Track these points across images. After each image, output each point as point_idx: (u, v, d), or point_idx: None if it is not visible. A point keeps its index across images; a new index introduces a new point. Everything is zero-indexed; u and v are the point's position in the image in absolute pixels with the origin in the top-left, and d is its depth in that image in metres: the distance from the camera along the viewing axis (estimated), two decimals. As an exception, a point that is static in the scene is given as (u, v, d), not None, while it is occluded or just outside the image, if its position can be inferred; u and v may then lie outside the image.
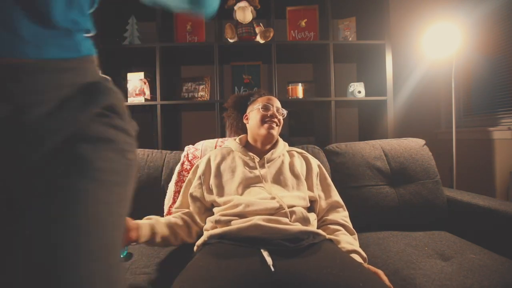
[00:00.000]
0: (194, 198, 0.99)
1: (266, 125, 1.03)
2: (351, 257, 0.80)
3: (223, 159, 1.04)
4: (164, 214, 1.14)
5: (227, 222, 0.89)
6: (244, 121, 1.13)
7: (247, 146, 1.09)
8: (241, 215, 0.89)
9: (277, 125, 1.06)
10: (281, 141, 1.11)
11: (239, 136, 1.13)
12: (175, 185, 1.17)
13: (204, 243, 0.89)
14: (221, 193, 0.96)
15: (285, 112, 1.09)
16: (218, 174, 1.00)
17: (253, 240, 0.81)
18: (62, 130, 0.40)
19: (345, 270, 0.70)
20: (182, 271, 0.75)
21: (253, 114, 1.08)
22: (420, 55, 1.94)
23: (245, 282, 0.68)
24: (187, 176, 1.16)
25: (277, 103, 1.08)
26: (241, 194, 0.94)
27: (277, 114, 1.06)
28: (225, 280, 0.67)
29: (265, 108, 1.05)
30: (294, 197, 0.95)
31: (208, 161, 1.05)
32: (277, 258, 0.75)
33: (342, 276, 0.68)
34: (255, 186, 0.95)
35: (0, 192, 0.37)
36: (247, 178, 0.97)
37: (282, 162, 1.03)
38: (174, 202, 1.14)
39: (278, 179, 0.99)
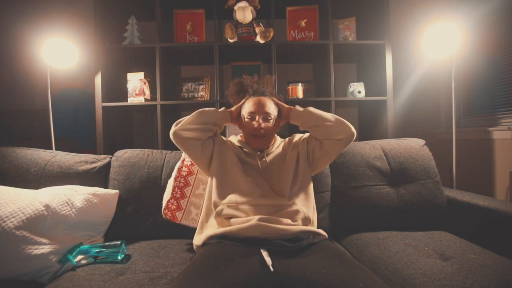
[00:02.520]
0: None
1: (252, 140, 1.03)
2: (351, 257, 0.80)
3: (230, 149, 1.05)
4: (163, 208, 1.15)
5: (228, 219, 0.89)
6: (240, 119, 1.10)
7: (247, 142, 1.09)
8: (243, 206, 0.90)
9: (264, 136, 1.02)
10: (277, 138, 1.14)
11: (240, 134, 1.14)
12: (175, 180, 1.17)
13: (204, 243, 0.89)
14: (222, 179, 0.97)
15: (269, 114, 1.01)
16: (223, 159, 1.01)
17: (253, 240, 0.81)
18: None
19: (344, 270, 0.70)
20: (182, 271, 0.75)
21: (243, 121, 1.04)
22: (420, 55, 1.94)
23: (244, 282, 0.68)
24: (186, 172, 1.17)
25: (265, 108, 1.01)
26: (242, 185, 0.95)
27: (263, 125, 1.00)
28: (224, 281, 0.67)
29: (251, 118, 1.01)
30: (292, 182, 0.97)
31: (220, 142, 1.07)
32: (276, 258, 0.75)
33: (341, 276, 0.68)
34: (256, 178, 0.97)
35: None
36: (249, 171, 0.98)
37: (279, 153, 1.05)
38: (172, 197, 1.14)
39: (276, 171, 1.00)
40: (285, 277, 0.70)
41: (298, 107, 1.04)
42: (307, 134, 1.10)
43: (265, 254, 0.75)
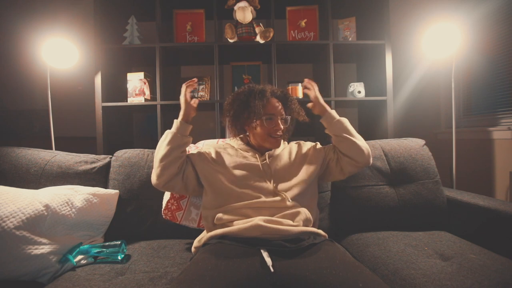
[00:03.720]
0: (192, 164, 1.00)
1: (272, 140, 1.01)
2: (351, 257, 0.80)
3: (227, 153, 1.04)
4: (163, 208, 1.15)
5: (228, 222, 0.89)
6: (246, 125, 1.06)
7: (248, 144, 1.08)
8: (244, 209, 0.89)
9: (280, 136, 1.03)
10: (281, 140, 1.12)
11: (240, 136, 1.13)
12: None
13: (204, 244, 0.89)
14: (221, 186, 0.95)
15: (288, 118, 1.05)
16: (222, 166, 0.99)
17: (254, 241, 0.81)
18: None
19: (345, 271, 0.70)
20: (182, 271, 0.75)
21: (256, 123, 1.02)
22: (420, 55, 1.94)
23: (244, 282, 0.68)
24: None
25: (282, 110, 1.03)
26: (243, 189, 0.94)
27: (281, 126, 1.01)
28: (224, 281, 0.67)
29: (270, 119, 1.00)
30: (296, 185, 0.96)
31: (216, 150, 1.04)
32: (277, 259, 0.75)
33: (342, 276, 0.68)
34: (257, 180, 0.96)
35: None
36: (250, 173, 0.97)
37: (282, 155, 1.04)
38: (172, 197, 1.14)
39: (279, 173, 0.99)
40: (286, 277, 0.70)
41: (334, 112, 1.05)
42: (319, 144, 1.10)
43: (265, 254, 0.75)
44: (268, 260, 0.73)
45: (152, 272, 0.89)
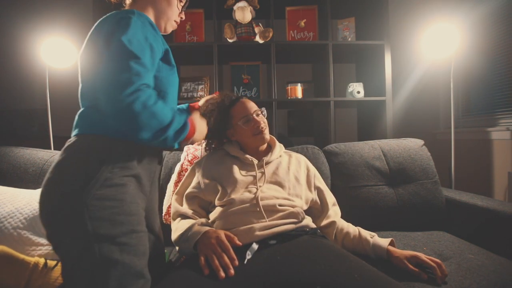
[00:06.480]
0: (192, 198, 0.97)
1: (258, 137, 1.00)
2: (344, 250, 0.79)
3: (220, 161, 1.01)
4: (163, 213, 1.14)
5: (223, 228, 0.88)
6: (230, 136, 1.06)
7: (242, 149, 1.05)
8: (238, 219, 0.87)
9: (266, 129, 1.02)
10: (277, 143, 1.09)
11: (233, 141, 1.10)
12: (174, 186, 1.16)
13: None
14: (218, 195, 0.93)
15: (264, 110, 1.04)
16: (215, 177, 0.96)
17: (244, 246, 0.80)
18: None
19: (337, 263, 0.71)
20: (168, 275, 0.73)
21: (236, 130, 1.02)
22: (419, 56, 1.95)
23: (232, 284, 0.68)
24: None
25: (253, 107, 1.02)
26: (238, 197, 0.90)
27: (260, 121, 1.00)
28: (212, 283, 0.68)
29: (247, 121, 1.00)
30: (292, 197, 0.94)
31: (206, 163, 1.02)
32: (263, 253, 0.76)
33: (339, 270, 0.68)
34: (253, 187, 0.93)
35: None
36: (245, 180, 0.94)
37: (280, 163, 1.02)
38: (173, 201, 1.13)
39: (276, 180, 0.97)
40: (276, 276, 0.70)
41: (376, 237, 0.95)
42: (317, 175, 1.07)
43: (254, 246, 0.77)
44: (249, 254, 0.75)
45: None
